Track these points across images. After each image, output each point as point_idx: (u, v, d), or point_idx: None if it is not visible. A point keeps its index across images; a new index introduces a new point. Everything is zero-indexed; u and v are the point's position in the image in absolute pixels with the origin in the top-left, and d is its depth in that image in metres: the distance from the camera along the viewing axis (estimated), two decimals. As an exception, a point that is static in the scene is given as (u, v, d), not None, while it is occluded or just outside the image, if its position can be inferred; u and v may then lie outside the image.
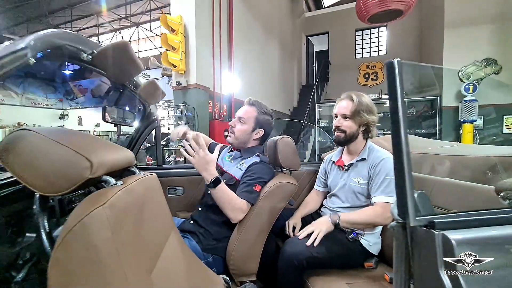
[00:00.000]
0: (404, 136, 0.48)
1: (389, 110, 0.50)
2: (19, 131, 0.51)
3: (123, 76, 0.96)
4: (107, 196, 0.49)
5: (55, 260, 0.41)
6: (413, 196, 0.46)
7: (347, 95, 1.34)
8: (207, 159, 1.05)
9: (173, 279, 0.65)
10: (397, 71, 0.48)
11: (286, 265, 1.08)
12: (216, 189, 1.06)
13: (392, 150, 0.49)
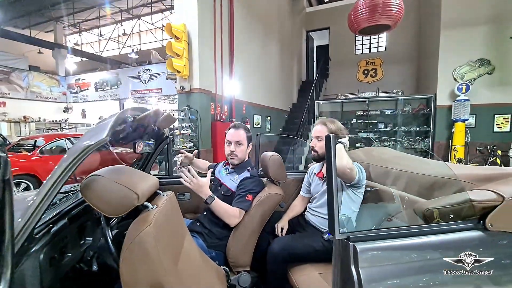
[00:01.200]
0: (335, 178, 0.76)
1: (326, 167, 0.78)
2: (92, 176, 0.80)
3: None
4: (150, 218, 0.79)
5: (124, 260, 0.71)
6: (338, 218, 0.75)
7: (321, 121, 1.63)
8: (200, 184, 1.37)
9: (191, 269, 0.95)
10: (332, 142, 0.76)
11: (273, 259, 1.40)
12: (212, 205, 1.38)
13: (327, 186, 0.77)
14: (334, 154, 0.77)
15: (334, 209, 0.75)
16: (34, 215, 0.63)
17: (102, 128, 0.73)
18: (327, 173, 0.77)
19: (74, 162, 0.68)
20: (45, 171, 4.60)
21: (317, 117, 8.58)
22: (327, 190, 0.77)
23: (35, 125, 15.26)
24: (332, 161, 0.76)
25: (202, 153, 4.27)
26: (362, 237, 0.75)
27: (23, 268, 0.67)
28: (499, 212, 0.85)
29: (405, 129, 7.51)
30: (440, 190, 1.24)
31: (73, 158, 0.67)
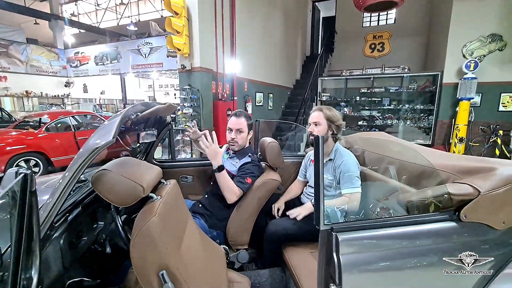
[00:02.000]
0: (322, 175, 0.83)
1: (314, 164, 0.84)
2: (102, 170, 0.87)
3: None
4: (155, 209, 0.88)
5: (133, 246, 0.81)
6: (323, 211, 0.83)
7: (318, 108, 1.66)
8: (217, 150, 1.48)
9: (192, 250, 1.06)
10: (321, 143, 0.82)
11: (269, 239, 1.53)
12: (220, 174, 1.48)
13: (314, 182, 0.85)
14: (322, 154, 0.83)
15: (320, 203, 0.83)
16: (53, 209, 0.72)
17: (109, 129, 0.79)
18: (314, 171, 0.84)
19: (85, 162, 0.75)
20: (52, 148, 4.74)
21: (320, 94, 8.47)
22: (314, 186, 0.84)
23: (38, 100, 15.29)
24: (320, 160, 0.83)
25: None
26: (343, 227, 0.83)
27: (47, 252, 0.78)
28: (473, 205, 0.93)
29: (409, 107, 7.44)
30: (427, 179, 1.31)
31: (83, 159, 0.74)
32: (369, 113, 7.98)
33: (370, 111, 7.98)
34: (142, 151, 1.78)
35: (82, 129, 5.45)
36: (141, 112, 1.12)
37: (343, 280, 0.79)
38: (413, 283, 0.89)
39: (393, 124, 7.77)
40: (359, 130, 8.15)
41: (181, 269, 0.88)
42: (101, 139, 0.76)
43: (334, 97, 8.53)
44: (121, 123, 0.84)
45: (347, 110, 8.35)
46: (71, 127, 5.14)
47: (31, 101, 14.81)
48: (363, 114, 8.15)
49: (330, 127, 1.64)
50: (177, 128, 4.28)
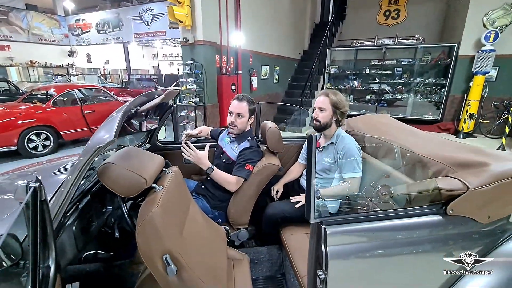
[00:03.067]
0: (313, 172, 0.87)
1: (306, 163, 0.88)
2: (107, 163, 0.93)
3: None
4: (157, 200, 0.94)
5: (139, 234, 0.89)
6: (314, 205, 0.88)
7: (324, 93, 1.64)
8: (198, 156, 1.56)
9: (194, 234, 1.15)
10: (313, 142, 0.84)
11: (267, 221, 1.62)
12: (212, 174, 1.57)
13: (306, 178, 0.88)
14: (314, 152, 0.86)
15: (311, 197, 0.87)
16: (63, 204, 0.78)
17: (110, 126, 0.83)
18: (307, 169, 0.88)
19: (89, 161, 0.79)
20: (60, 121, 4.85)
21: (329, 66, 8.19)
22: (306, 182, 0.88)
23: (43, 70, 15.24)
24: (313, 158, 0.86)
25: (208, 108, 4.34)
26: (332, 221, 0.89)
27: (61, 238, 0.87)
28: (461, 200, 0.96)
29: (421, 80, 7.16)
30: (422, 168, 1.33)
31: (87, 158, 0.78)
32: (379, 86, 7.74)
33: (379, 85, 7.74)
34: (146, 134, 1.83)
35: (88, 103, 5.50)
36: (141, 105, 1.14)
37: (329, 267, 0.87)
38: (396, 271, 0.97)
39: (402, 97, 7.57)
40: (367, 104, 8.00)
41: (183, 252, 0.97)
42: (103, 137, 0.80)
43: (342, 69, 8.24)
44: (122, 119, 0.87)
45: (356, 83, 8.12)
46: (77, 100, 5.19)
47: (36, 71, 14.78)
48: (372, 88, 7.92)
49: (335, 113, 1.64)
50: (181, 104, 4.29)
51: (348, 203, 1.61)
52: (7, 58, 13.07)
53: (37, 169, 1.42)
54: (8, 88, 6.55)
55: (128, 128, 1.30)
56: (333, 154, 1.65)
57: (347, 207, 1.59)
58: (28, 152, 4.45)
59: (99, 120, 5.33)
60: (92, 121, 5.25)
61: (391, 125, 1.91)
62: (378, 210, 0.95)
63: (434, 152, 1.32)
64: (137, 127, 1.47)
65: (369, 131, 1.84)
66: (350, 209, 1.57)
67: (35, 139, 4.55)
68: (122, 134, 1.23)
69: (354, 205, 1.55)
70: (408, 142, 1.56)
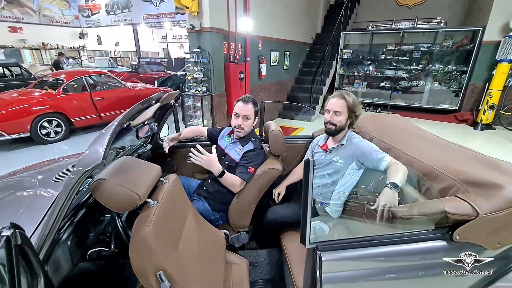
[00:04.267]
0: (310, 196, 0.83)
1: (303, 188, 0.83)
2: (99, 180, 0.91)
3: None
4: (150, 217, 0.93)
5: (132, 251, 0.89)
6: (309, 229, 0.85)
7: (339, 94, 1.56)
8: (210, 159, 1.48)
9: (191, 245, 1.15)
10: (311, 167, 0.79)
11: (267, 226, 1.62)
12: (223, 178, 1.53)
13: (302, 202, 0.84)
14: (312, 179, 0.81)
15: (307, 221, 0.84)
16: (53, 227, 0.78)
17: (98, 147, 0.80)
18: (303, 192, 0.83)
19: (77, 184, 0.78)
20: (71, 108, 4.91)
21: (342, 50, 7.84)
22: (302, 206, 0.84)
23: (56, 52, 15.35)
24: (310, 182, 0.81)
25: (215, 98, 4.27)
26: (328, 246, 0.86)
27: (56, 255, 0.88)
28: (469, 226, 0.90)
29: (440, 67, 6.77)
30: (430, 181, 1.26)
31: (75, 182, 0.76)
32: (394, 73, 7.39)
33: (395, 71, 7.38)
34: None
35: (98, 89, 5.53)
36: (134, 117, 1.10)
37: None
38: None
39: (419, 85, 7.23)
40: (381, 91, 7.70)
41: (178, 268, 0.97)
42: (91, 159, 0.78)
43: (356, 55, 7.89)
44: (111, 138, 0.84)
45: (370, 69, 7.78)
46: (87, 87, 5.22)
47: (48, 53, 14.93)
48: (387, 74, 7.58)
49: (350, 116, 1.56)
50: (187, 94, 4.24)
51: (356, 198, 1.56)
52: (20, 41, 13.21)
53: (37, 172, 1.43)
54: (20, 73, 6.64)
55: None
56: (346, 155, 1.59)
57: (355, 201, 1.55)
58: (41, 138, 4.57)
59: (108, 107, 5.38)
60: (101, 108, 5.30)
61: (402, 128, 1.81)
62: (378, 235, 0.91)
63: (446, 164, 1.24)
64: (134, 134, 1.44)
65: (378, 134, 1.75)
66: (357, 205, 1.52)
67: (47, 126, 4.65)
68: (122, 134, 1.20)
69: (361, 199, 1.51)
70: (419, 149, 1.48)
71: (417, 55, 7.10)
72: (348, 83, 8.46)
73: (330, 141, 1.72)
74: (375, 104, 7.76)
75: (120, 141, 1.46)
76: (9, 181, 1.40)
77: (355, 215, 1.66)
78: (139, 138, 1.53)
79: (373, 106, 7.75)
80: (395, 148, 1.56)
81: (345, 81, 8.51)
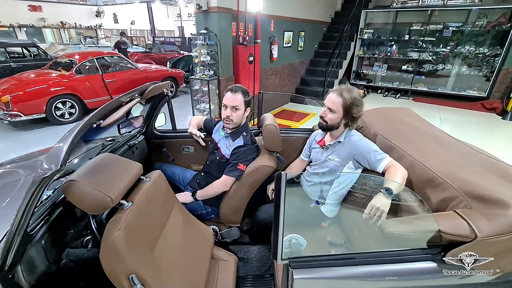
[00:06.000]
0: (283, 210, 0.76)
1: (274, 203, 0.76)
2: (69, 181, 0.89)
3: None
4: (121, 222, 0.91)
5: (102, 255, 0.87)
6: (281, 244, 0.79)
7: (338, 90, 1.43)
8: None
9: (171, 244, 1.13)
10: (282, 180, 0.72)
11: (258, 225, 1.58)
12: (201, 195, 1.59)
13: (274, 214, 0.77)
14: (284, 193, 0.73)
15: (279, 237, 0.78)
16: (15, 239, 0.77)
17: (58, 152, 0.76)
18: (274, 206, 0.77)
19: (35, 194, 0.75)
20: (84, 90, 5.00)
21: (362, 30, 7.33)
22: (273, 220, 0.78)
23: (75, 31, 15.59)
24: (281, 198, 0.74)
25: (222, 82, 4.17)
26: (302, 264, 0.80)
27: (29, 253, 0.88)
28: (464, 249, 0.81)
29: (470, 49, 6.18)
30: (431, 189, 1.15)
31: (33, 191, 0.73)
32: (419, 55, 6.85)
33: (419, 53, 6.84)
34: (142, 122, 1.78)
35: (110, 70, 5.57)
36: (108, 115, 1.05)
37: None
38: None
39: (445, 68, 6.68)
40: (403, 75, 7.21)
41: (151, 270, 0.95)
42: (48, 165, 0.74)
43: (378, 35, 7.35)
44: (73, 144, 0.80)
45: (393, 50, 7.25)
46: (99, 69, 5.26)
47: (67, 32, 15.17)
48: (410, 56, 7.04)
49: (345, 116, 1.44)
50: (194, 78, 4.15)
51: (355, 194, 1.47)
52: (40, 19, 13.45)
53: (24, 165, 1.45)
54: (38, 53, 6.79)
55: None
56: (343, 154, 1.49)
57: (357, 191, 1.46)
58: (56, 119, 4.72)
59: (119, 88, 5.43)
60: (113, 90, 5.35)
61: (411, 124, 1.65)
62: (359, 253, 0.83)
63: (452, 171, 1.12)
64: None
65: (383, 130, 1.62)
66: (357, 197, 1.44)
67: (61, 107, 4.78)
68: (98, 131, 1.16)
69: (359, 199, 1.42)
70: (426, 150, 1.34)
71: (447, 34, 6.48)
72: (368, 65, 7.99)
73: (328, 136, 1.62)
74: (394, 89, 7.32)
75: (102, 134, 1.43)
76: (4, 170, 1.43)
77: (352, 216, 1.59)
78: (121, 134, 1.50)
79: (393, 91, 7.31)
80: (399, 147, 1.43)
81: (364, 63, 8.04)
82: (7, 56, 6.31)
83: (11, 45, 6.83)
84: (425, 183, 1.19)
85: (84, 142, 1.45)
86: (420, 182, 1.22)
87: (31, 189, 0.72)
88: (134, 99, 1.23)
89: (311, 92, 6.57)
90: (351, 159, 1.46)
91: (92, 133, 1.28)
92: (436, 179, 1.13)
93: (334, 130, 1.52)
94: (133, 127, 1.62)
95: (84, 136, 0.98)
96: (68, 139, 0.80)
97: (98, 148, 1.44)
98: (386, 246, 1.07)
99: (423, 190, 1.18)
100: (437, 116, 5.57)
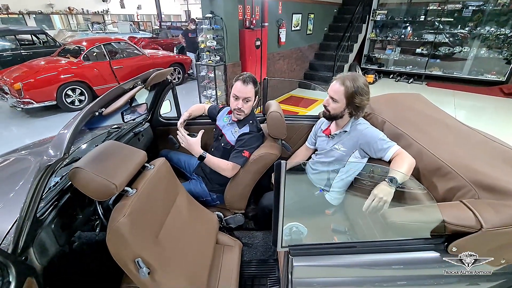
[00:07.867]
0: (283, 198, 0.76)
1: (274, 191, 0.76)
2: (75, 168, 0.91)
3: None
4: (125, 209, 0.93)
5: (108, 239, 0.90)
6: (281, 231, 0.79)
7: (340, 79, 1.38)
8: (189, 143, 1.51)
9: (175, 230, 1.16)
10: (282, 169, 0.71)
11: (262, 211, 1.59)
12: (204, 161, 1.53)
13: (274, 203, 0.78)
14: (284, 181, 0.73)
15: (279, 225, 0.78)
16: (25, 227, 0.80)
17: (61, 140, 0.77)
18: (274, 194, 0.76)
19: (42, 181, 0.77)
20: (92, 77, 5.04)
21: (375, 11, 7.01)
22: (273, 209, 0.78)
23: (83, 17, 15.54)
24: (281, 187, 0.74)
25: (229, 68, 4.11)
26: (301, 251, 0.80)
27: (40, 237, 0.92)
28: (469, 240, 0.79)
29: (490, 31, 5.84)
30: (439, 178, 1.12)
31: (39, 179, 0.75)
32: (435, 37, 6.52)
33: (435, 35, 6.51)
34: (147, 110, 1.78)
35: (117, 57, 5.57)
36: (110, 102, 1.05)
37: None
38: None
39: (462, 51, 6.36)
40: (417, 59, 6.92)
41: (156, 254, 0.99)
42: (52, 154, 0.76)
43: (391, 16, 7.02)
44: (75, 132, 0.81)
45: (408, 31, 6.93)
46: (106, 55, 5.26)
47: (75, 18, 15.14)
48: (425, 38, 6.72)
49: (348, 106, 1.39)
50: (200, 63, 4.10)
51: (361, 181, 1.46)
52: (47, 6, 13.43)
53: (35, 151, 1.48)
54: (47, 40, 6.84)
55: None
56: (349, 144, 1.46)
57: (365, 179, 1.44)
58: (66, 106, 4.81)
59: (127, 75, 5.44)
60: (121, 77, 5.37)
61: (421, 111, 1.60)
62: (360, 242, 0.83)
63: (461, 160, 1.08)
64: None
65: (391, 117, 1.57)
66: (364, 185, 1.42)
67: (71, 94, 4.85)
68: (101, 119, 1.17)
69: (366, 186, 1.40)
70: (435, 139, 1.30)
71: (467, 14, 6.12)
72: (380, 48, 7.70)
73: (333, 125, 1.58)
74: (407, 74, 7.06)
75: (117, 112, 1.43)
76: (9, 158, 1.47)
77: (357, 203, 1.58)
78: (125, 122, 1.51)
79: (405, 76, 7.06)
80: (408, 135, 1.39)
81: (376, 46, 7.74)
82: (18, 43, 6.38)
83: (21, 32, 6.88)
84: (432, 172, 1.16)
85: (90, 129, 1.47)
86: (428, 171, 1.19)
87: (37, 177, 0.74)
88: (136, 86, 1.23)
89: (320, 77, 6.41)
90: (357, 148, 1.43)
91: (98, 121, 1.29)
92: (444, 168, 1.10)
93: (339, 119, 1.49)
94: (137, 115, 1.62)
95: (89, 124, 1.00)
96: (71, 128, 0.81)
97: (104, 135, 1.47)
98: (390, 234, 1.07)
99: (430, 179, 1.15)
100: (451, 101, 5.36)
